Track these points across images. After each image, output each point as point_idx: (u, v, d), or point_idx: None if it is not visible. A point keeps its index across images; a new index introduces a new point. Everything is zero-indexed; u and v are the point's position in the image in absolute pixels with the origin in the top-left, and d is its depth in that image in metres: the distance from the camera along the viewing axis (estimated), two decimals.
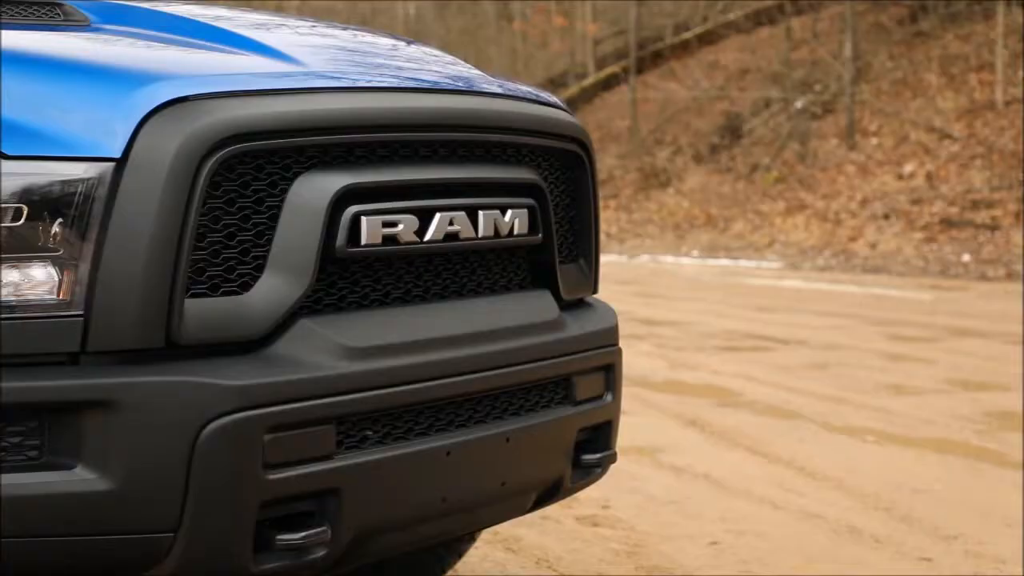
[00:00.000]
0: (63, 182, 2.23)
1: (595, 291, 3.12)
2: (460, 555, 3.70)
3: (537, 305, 2.86)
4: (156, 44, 2.64)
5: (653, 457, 5.43)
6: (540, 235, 2.84)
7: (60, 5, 2.75)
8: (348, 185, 2.46)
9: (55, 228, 2.24)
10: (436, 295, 2.69)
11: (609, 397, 2.99)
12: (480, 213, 2.68)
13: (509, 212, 2.75)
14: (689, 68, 25.02)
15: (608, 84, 26.90)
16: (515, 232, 2.77)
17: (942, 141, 18.26)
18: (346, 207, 2.45)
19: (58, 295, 2.24)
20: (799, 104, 20.77)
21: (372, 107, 2.58)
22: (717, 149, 21.98)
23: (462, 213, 2.65)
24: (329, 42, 3.00)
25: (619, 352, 3.03)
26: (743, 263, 16.39)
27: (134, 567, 2.31)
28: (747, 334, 9.51)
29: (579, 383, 2.89)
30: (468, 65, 3.09)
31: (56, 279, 2.24)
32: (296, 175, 2.43)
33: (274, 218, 2.41)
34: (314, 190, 2.43)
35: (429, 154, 2.65)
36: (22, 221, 2.22)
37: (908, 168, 18.00)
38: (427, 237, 2.58)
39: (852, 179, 18.56)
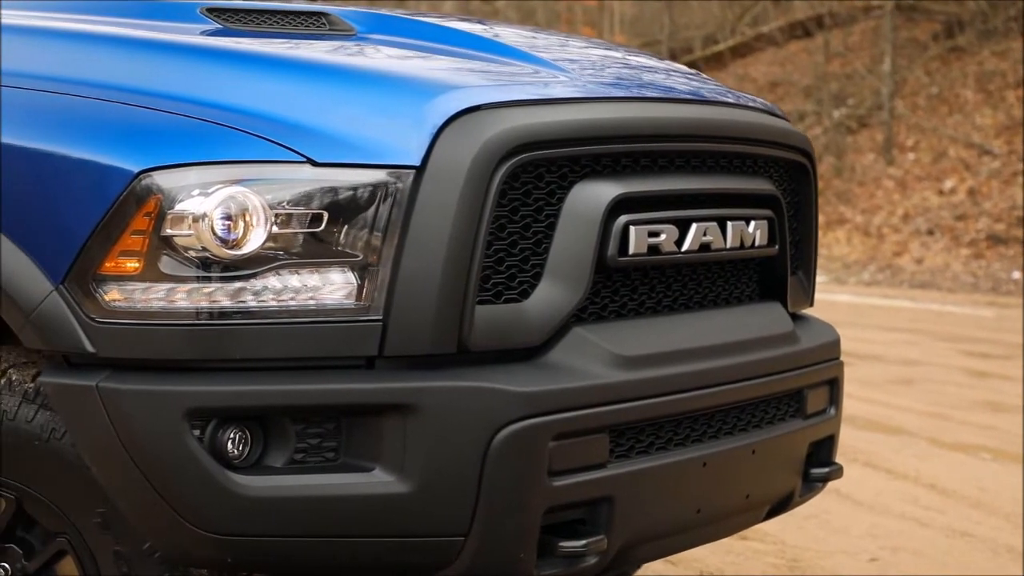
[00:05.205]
0: (365, 188, 2.25)
1: (812, 304, 3.12)
2: (639, 565, 3.70)
3: (773, 317, 2.87)
4: (427, 54, 2.64)
5: None
6: (776, 247, 2.85)
7: (326, 14, 2.75)
8: (621, 195, 2.47)
9: (356, 234, 2.25)
10: (683, 305, 2.70)
11: (833, 411, 2.99)
12: (729, 224, 2.69)
13: (752, 223, 2.76)
14: (720, 80, 25.01)
15: None
16: (756, 243, 2.78)
17: (982, 157, 18.23)
18: (617, 216, 2.47)
19: (358, 300, 2.26)
20: (836, 115, 20.76)
21: (639, 117, 2.59)
22: None
23: (714, 224, 2.66)
24: (573, 49, 3.00)
25: (842, 366, 3.04)
26: None
27: (424, 569, 2.32)
28: None
29: (810, 396, 2.89)
30: (702, 74, 3.10)
31: (356, 284, 2.26)
32: (571, 184, 2.44)
33: (551, 227, 2.42)
34: (589, 199, 2.44)
35: (683, 164, 2.66)
36: (323, 226, 2.24)
37: (949, 184, 17.98)
38: (684, 247, 2.59)
39: (891, 194, 18.54)
